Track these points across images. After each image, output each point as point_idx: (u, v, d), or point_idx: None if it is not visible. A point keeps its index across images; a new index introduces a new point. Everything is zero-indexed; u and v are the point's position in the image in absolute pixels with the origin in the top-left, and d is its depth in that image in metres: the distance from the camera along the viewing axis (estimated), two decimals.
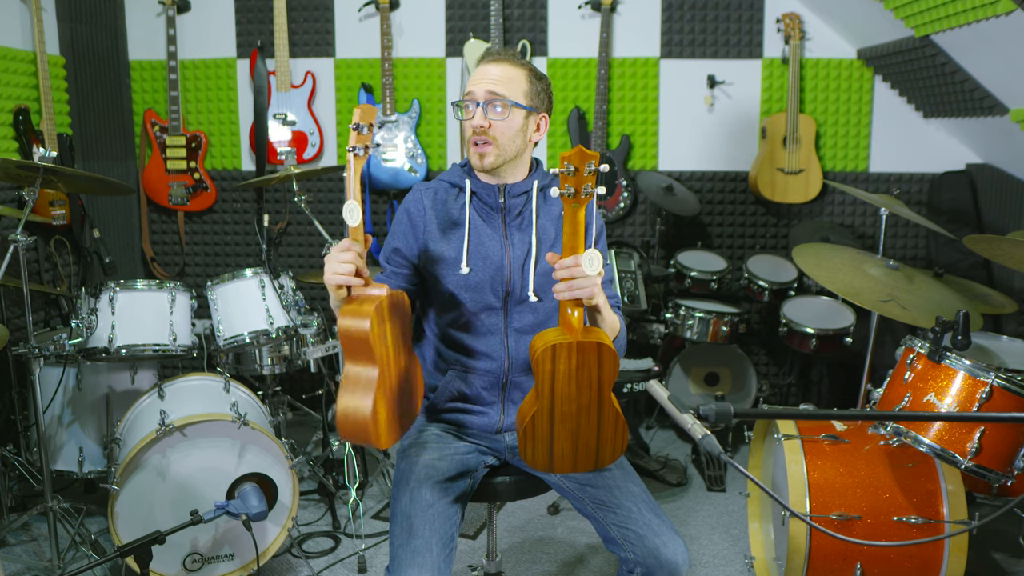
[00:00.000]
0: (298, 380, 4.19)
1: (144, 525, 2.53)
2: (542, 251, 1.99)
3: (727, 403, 1.34)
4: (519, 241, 1.99)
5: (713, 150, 4.21)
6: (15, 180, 2.77)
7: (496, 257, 1.97)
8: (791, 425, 2.54)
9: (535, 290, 1.97)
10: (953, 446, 2.19)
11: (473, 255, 1.96)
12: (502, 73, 1.95)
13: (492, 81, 1.93)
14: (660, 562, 1.80)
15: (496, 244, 1.98)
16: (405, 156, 4.17)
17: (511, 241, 1.99)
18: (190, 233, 4.36)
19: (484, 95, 1.93)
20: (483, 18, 4.12)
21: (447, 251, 1.97)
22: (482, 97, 1.93)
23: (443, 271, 1.97)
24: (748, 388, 3.99)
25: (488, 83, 1.93)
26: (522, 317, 1.99)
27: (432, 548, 1.77)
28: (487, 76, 1.94)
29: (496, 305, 1.98)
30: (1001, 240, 2.72)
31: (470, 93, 1.96)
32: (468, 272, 1.95)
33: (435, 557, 1.76)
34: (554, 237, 2.02)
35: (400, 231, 2.01)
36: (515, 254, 1.98)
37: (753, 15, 4.09)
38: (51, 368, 3.02)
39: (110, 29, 4.06)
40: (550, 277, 1.92)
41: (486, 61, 1.98)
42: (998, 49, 3.04)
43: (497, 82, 1.94)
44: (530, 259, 1.98)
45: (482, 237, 1.98)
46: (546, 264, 1.97)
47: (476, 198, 2.00)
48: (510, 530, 3.15)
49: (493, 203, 2.00)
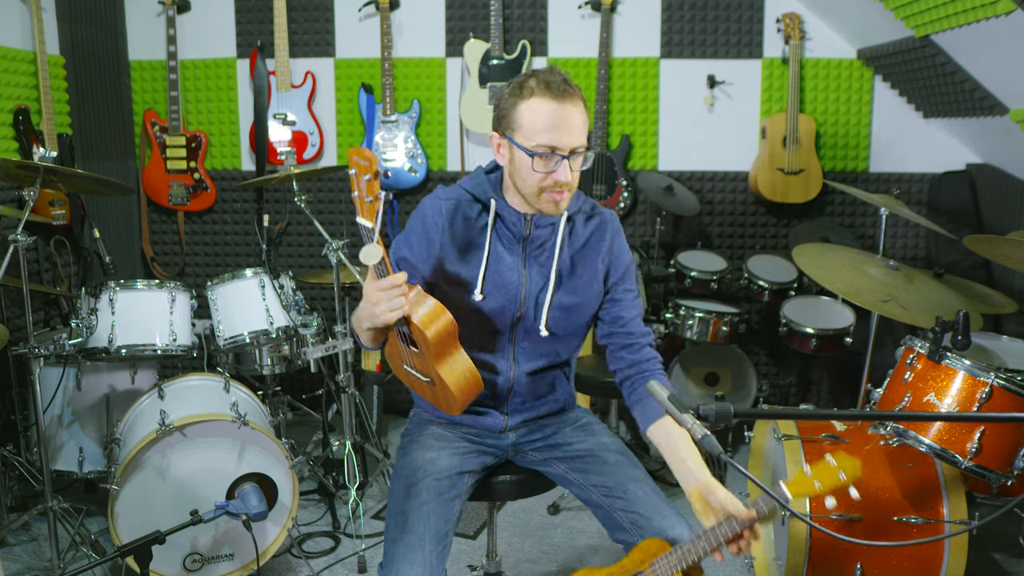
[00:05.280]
0: (298, 380, 4.19)
1: (144, 525, 2.53)
2: (561, 285, 1.94)
3: (727, 403, 1.34)
4: (537, 273, 1.93)
5: (713, 150, 4.20)
6: (15, 180, 2.77)
7: (512, 287, 1.92)
8: (791, 425, 2.54)
9: (548, 324, 1.93)
10: (953, 446, 2.19)
11: (489, 282, 1.90)
12: (583, 119, 1.82)
13: (580, 132, 1.80)
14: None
15: (514, 274, 1.92)
16: (405, 156, 4.17)
17: (529, 272, 1.93)
18: (190, 233, 4.36)
19: (571, 148, 1.80)
20: (483, 18, 4.12)
21: (462, 272, 1.91)
22: (569, 151, 1.80)
23: (455, 291, 1.91)
24: (748, 388, 3.99)
25: (576, 135, 1.80)
26: (531, 340, 1.97)
27: (425, 545, 1.77)
28: (572, 126, 1.80)
29: (506, 329, 1.95)
30: (1001, 240, 2.72)
31: (554, 147, 1.79)
32: (482, 299, 1.90)
33: (427, 554, 1.77)
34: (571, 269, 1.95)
35: (414, 240, 1.93)
36: (532, 284, 1.93)
37: (753, 15, 4.09)
38: (51, 368, 3.02)
39: (110, 29, 4.06)
40: (566, 311, 1.94)
41: (561, 99, 1.79)
42: (998, 49, 3.04)
43: (582, 131, 1.82)
44: (546, 291, 1.93)
45: (500, 265, 1.91)
46: (562, 298, 1.94)
47: (500, 221, 1.92)
48: (510, 530, 3.15)
49: (517, 232, 1.92)
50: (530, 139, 1.79)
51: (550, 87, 1.78)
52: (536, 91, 1.79)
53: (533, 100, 1.79)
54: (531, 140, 1.79)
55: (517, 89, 1.82)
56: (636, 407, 1.96)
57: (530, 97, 1.79)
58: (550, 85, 1.79)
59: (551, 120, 1.77)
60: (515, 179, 1.87)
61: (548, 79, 1.79)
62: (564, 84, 1.80)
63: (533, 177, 1.81)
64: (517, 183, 1.87)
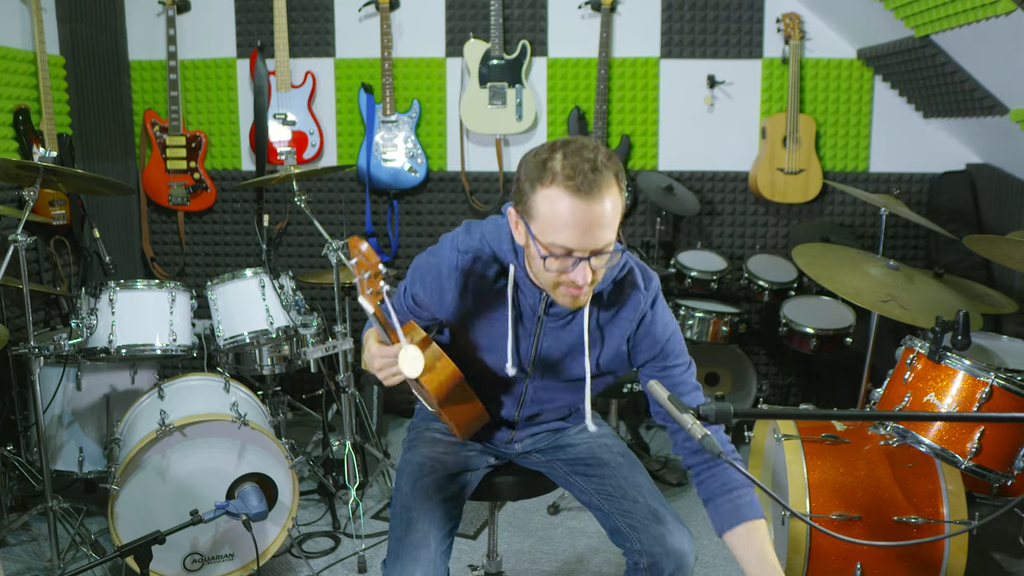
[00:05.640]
0: (298, 380, 4.19)
1: (144, 525, 2.53)
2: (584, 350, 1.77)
3: (727, 403, 1.34)
4: (554, 340, 1.79)
5: (713, 150, 4.20)
6: (15, 180, 2.77)
7: (525, 355, 1.83)
8: (791, 425, 2.54)
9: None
10: (953, 446, 2.19)
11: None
12: (614, 212, 1.52)
13: (607, 231, 1.52)
14: (666, 550, 1.79)
15: (527, 344, 1.81)
16: (405, 156, 4.17)
17: (541, 344, 1.81)
18: (190, 233, 4.36)
19: (593, 250, 1.53)
20: (483, 18, 4.12)
21: (479, 336, 1.81)
22: (590, 252, 1.53)
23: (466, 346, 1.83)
24: (748, 388, 3.99)
25: (602, 236, 1.51)
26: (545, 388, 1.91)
27: (430, 543, 1.77)
28: (599, 226, 1.50)
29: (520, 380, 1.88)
30: (1001, 240, 2.72)
31: (567, 250, 1.52)
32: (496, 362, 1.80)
33: (432, 552, 1.76)
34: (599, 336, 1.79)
35: (428, 284, 1.79)
36: (546, 348, 1.81)
37: (753, 15, 4.09)
38: (51, 368, 3.02)
39: (110, 29, 4.06)
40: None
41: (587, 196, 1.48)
42: (998, 49, 3.04)
43: (611, 228, 1.52)
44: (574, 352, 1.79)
45: (517, 333, 1.79)
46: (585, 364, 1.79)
47: (518, 289, 1.75)
48: (510, 530, 3.15)
49: (533, 306, 1.77)
50: (545, 234, 1.53)
51: (575, 178, 1.48)
52: (558, 179, 1.49)
53: (553, 189, 1.50)
54: (546, 236, 1.53)
55: (539, 168, 1.53)
56: (708, 506, 1.77)
57: (550, 185, 1.50)
58: (575, 174, 1.48)
59: (572, 219, 1.49)
60: (530, 264, 1.68)
61: (575, 165, 1.48)
62: (593, 174, 1.48)
63: (546, 274, 1.59)
64: (531, 269, 1.67)
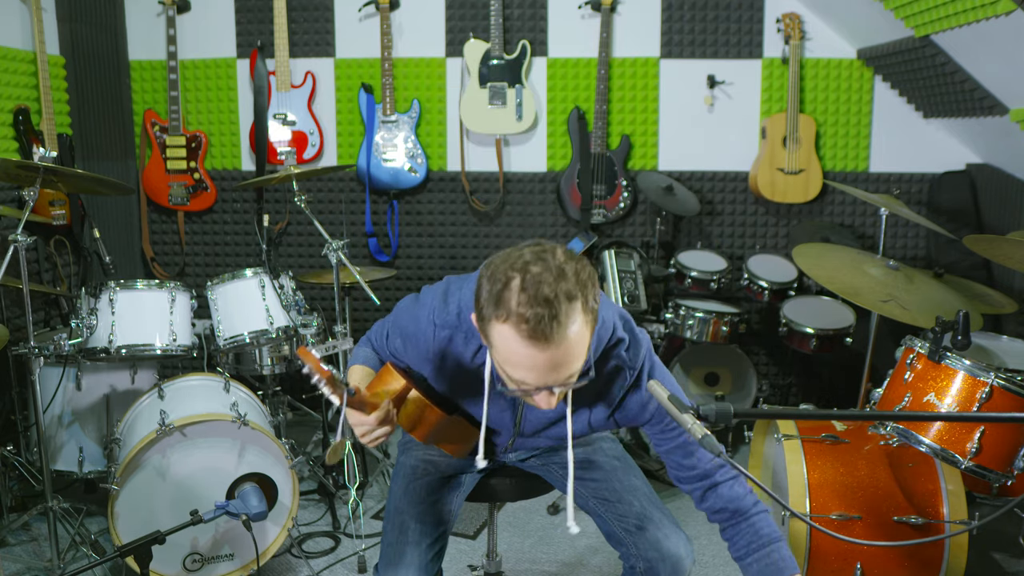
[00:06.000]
0: (298, 380, 4.18)
1: (144, 525, 2.53)
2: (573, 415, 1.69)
3: (727, 403, 1.34)
4: (538, 412, 1.71)
5: (713, 150, 4.20)
6: (15, 180, 2.77)
7: (508, 426, 1.77)
8: (791, 425, 2.54)
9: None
10: (953, 446, 2.19)
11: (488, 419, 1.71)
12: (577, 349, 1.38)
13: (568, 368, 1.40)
14: (662, 555, 1.79)
15: (509, 416, 1.75)
16: (405, 156, 4.17)
17: (524, 415, 1.74)
18: (190, 233, 4.36)
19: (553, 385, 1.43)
20: (483, 18, 4.11)
21: (459, 402, 1.75)
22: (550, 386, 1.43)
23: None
24: (748, 388, 3.98)
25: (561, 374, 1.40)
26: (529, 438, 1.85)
27: (421, 547, 1.78)
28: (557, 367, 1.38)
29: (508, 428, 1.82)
30: (1001, 240, 2.72)
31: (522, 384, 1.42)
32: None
33: (422, 554, 1.77)
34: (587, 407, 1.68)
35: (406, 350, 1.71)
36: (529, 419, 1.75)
37: (753, 15, 4.09)
38: (51, 368, 3.02)
39: (110, 29, 4.05)
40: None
41: (542, 344, 1.34)
42: (998, 49, 3.04)
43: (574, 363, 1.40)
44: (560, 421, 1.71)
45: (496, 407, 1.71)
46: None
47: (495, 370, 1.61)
48: (510, 530, 3.15)
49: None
50: (503, 365, 1.43)
51: (530, 322, 1.33)
52: (512, 319, 1.35)
53: (507, 328, 1.36)
54: (504, 367, 1.43)
55: (495, 296, 1.37)
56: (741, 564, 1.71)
57: (505, 322, 1.36)
58: (531, 319, 1.33)
59: (528, 363, 1.38)
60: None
61: (532, 301, 1.33)
62: (551, 319, 1.32)
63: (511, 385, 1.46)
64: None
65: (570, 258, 1.42)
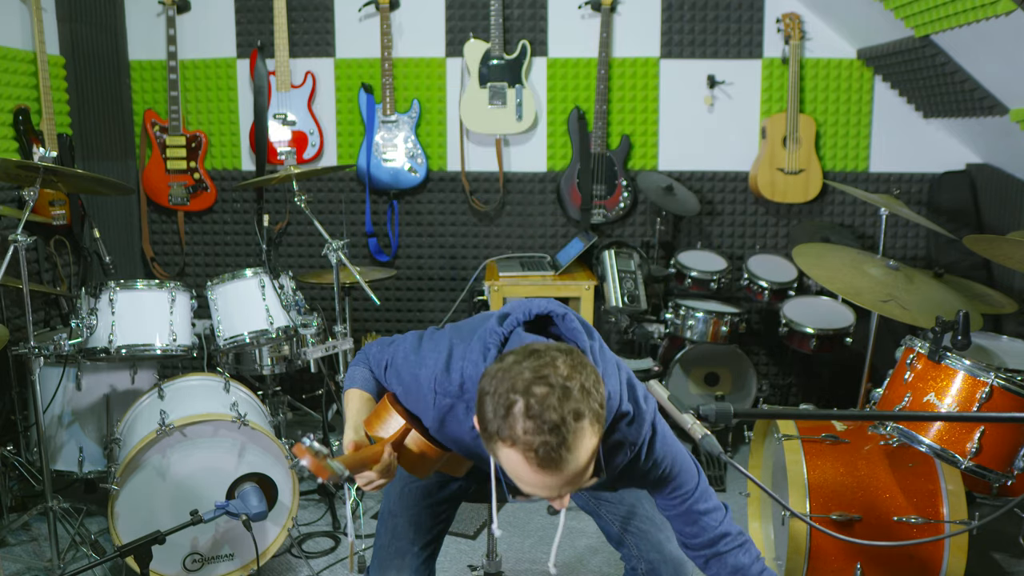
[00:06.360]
0: (298, 380, 4.19)
1: (144, 525, 2.53)
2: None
3: (727, 403, 1.34)
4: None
5: (713, 150, 4.20)
6: (15, 180, 2.77)
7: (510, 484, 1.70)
8: (791, 425, 2.54)
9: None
10: (953, 446, 2.19)
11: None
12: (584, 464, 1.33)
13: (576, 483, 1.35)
14: (664, 557, 1.79)
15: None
16: (405, 156, 4.17)
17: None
18: (190, 233, 4.36)
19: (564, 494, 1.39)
20: (483, 18, 4.11)
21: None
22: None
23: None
24: (748, 388, 3.98)
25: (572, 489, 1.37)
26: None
27: (414, 550, 1.79)
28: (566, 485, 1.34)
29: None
30: (1001, 240, 2.72)
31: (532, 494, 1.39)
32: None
33: (415, 557, 1.77)
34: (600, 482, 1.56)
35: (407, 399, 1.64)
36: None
37: (753, 15, 4.09)
38: (51, 368, 3.02)
39: (110, 29, 4.05)
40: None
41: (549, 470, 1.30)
42: (998, 49, 3.04)
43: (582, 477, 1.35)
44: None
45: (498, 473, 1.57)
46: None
47: None
48: (510, 530, 3.15)
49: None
50: (510, 476, 1.39)
51: (537, 450, 1.28)
52: (518, 445, 1.30)
53: (514, 453, 1.31)
54: (511, 477, 1.39)
55: (499, 416, 1.31)
56: None
57: (511, 447, 1.31)
58: (539, 447, 1.28)
59: (537, 484, 1.34)
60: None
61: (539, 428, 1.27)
62: (559, 447, 1.28)
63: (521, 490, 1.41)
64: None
65: (572, 366, 1.32)
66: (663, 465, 1.58)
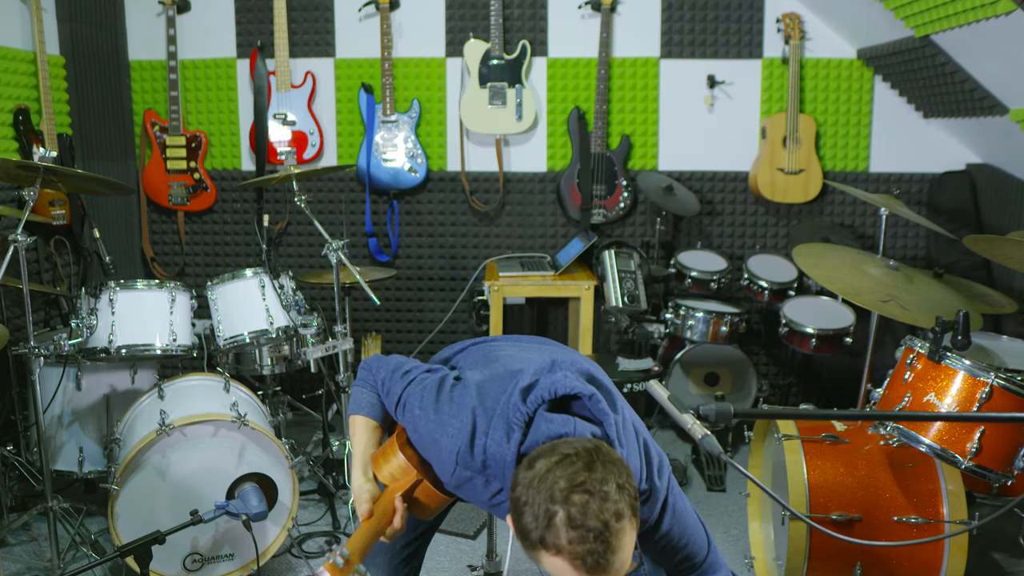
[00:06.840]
0: (298, 380, 4.19)
1: (144, 525, 2.53)
2: None
3: (727, 403, 1.34)
4: None
5: (713, 150, 4.21)
6: (15, 180, 2.77)
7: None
8: (791, 425, 2.54)
9: None
10: (953, 446, 2.19)
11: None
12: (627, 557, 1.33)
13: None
14: None
15: None
16: (405, 156, 4.17)
17: None
18: (190, 233, 4.36)
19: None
20: (483, 18, 4.12)
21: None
22: None
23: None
24: (748, 388, 3.99)
25: None
26: None
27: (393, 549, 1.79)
28: None
29: None
30: (1001, 240, 2.72)
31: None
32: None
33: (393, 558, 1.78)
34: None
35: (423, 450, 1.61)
36: None
37: (753, 15, 4.09)
38: (51, 368, 3.02)
39: (110, 29, 4.05)
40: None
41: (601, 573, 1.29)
42: (998, 49, 3.04)
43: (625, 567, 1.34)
44: None
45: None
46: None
47: None
48: (510, 530, 3.14)
49: None
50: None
51: (585, 558, 1.28)
52: (564, 554, 1.29)
53: (560, 561, 1.30)
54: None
55: (540, 525, 1.31)
56: None
57: (555, 556, 1.30)
58: (585, 555, 1.28)
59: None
60: None
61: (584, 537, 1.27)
62: (606, 553, 1.28)
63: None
64: None
65: (604, 465, 1.32)
66: (671, 536, 1.57)
